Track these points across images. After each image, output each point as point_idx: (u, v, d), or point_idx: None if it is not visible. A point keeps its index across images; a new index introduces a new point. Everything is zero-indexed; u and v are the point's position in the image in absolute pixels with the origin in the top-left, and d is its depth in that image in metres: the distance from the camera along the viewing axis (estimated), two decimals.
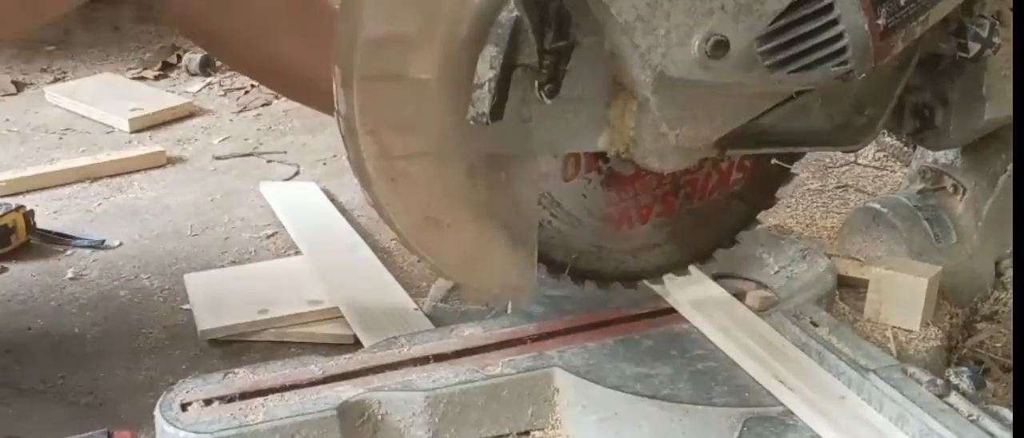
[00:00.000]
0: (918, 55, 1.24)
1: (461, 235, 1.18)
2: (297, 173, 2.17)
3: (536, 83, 1.09)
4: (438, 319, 1.46)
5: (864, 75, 1.08)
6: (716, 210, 1.33)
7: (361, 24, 1.06)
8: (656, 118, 1.11)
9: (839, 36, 1.04)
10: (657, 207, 1.31)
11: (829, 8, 1.03)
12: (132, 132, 2.39)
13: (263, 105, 2.60)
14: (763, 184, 1.33)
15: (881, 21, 1.05)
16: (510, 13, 1.06)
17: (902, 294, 1.39)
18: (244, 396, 1.17)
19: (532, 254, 1.22)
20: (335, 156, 2.20)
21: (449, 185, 1.15)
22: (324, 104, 1.15)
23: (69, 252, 1.80)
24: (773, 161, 1.32)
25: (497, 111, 1.08)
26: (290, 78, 1.62)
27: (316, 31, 1.34)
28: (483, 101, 1.07)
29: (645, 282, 1.36)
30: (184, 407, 1.16)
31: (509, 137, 1.14)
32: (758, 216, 1.35)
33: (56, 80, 2.74)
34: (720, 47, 1.03)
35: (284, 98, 2.64)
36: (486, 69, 1.07)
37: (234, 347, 1.51)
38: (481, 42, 1.08)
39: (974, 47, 1.27)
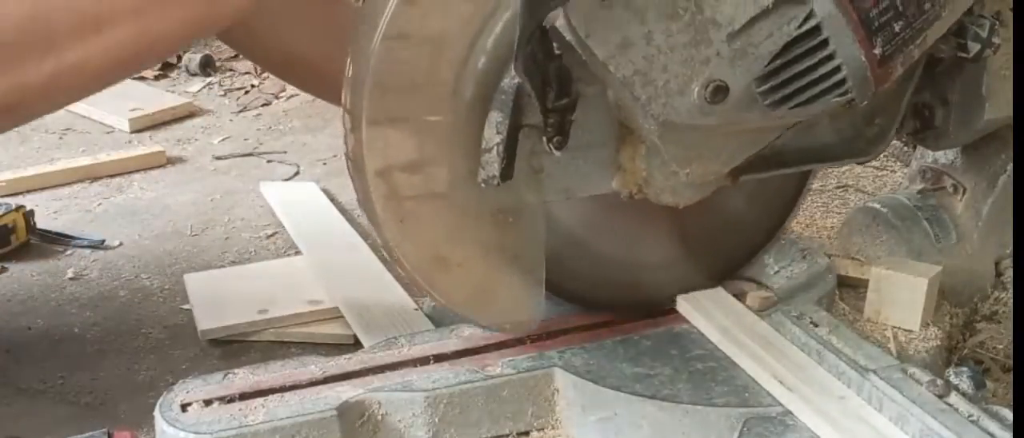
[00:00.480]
0: (923, 60, 1.24)
1: (470, 273, 1.20)
2: (297, 173, 2.18)
3: (544, 138, 1.10)
4: (438, 319, 1.46)
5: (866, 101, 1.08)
6: None
7: (369, 68, 1.07)
8: (665, 160, 1.12)
9: (837, 69, 1.04)
10: None
11: (824, 44, 1.03)
12: (132, 132, 2.39)
13: (263, 105, 2.60)
14: None
15: (878, 50, 1.05)
16: (512, 80, 1.07)
17: (902, 294, 1.38)
18: (244, 396, 1.17)
19: (540, 285, 1.23)
20: (335, 156, 2.20)
21: (458, 225, 1.16)
22: (335, 96, 1.16)
23: (69, 252, 1.81)
24: None
25: (507, 172, 1.10)
26: (302, 69, 1.62)
27: (329, 22, 1.33)
28: (492, 164, 1.09)
29: None
30: (184, 407, 1.16)
31: (521, 189, 1.15)
32: None
33: None
34: (719, 92, 1.04)
35: (284, 98, 2.65)
36: (492, 134, 1.08)
37: (234, 347, 1.51)
38: (486, 100, 1.09)
39: (974, 47, 1.27)
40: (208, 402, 1.16)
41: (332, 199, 1.98)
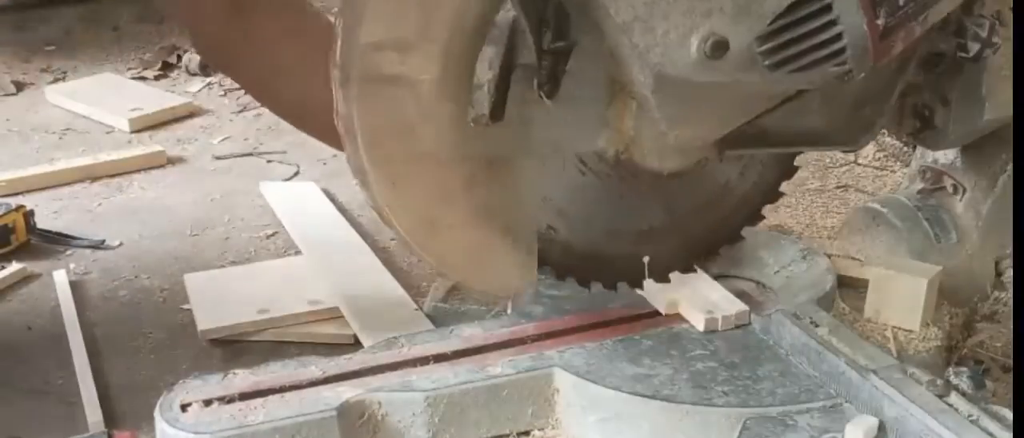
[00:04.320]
0: (918, 55, 1.24)
1: (461, 236, 1.18)
2: (297, 173, 2.17)
3: (535, 83, 1.09)
4: (438, 319, 1.46)
5: (863, 75, 1.08)
6: None
7: (361, 26, 1.06)
8: (655, 118, 1.11)
9: (838, 36, 1.04)
10: None
11: (828, 8, 1.03)
12: (132, 132, 2.39)
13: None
14: None
15: (880, 21, 1.05)
16: (507, 13, 1.06)
17: (902, 294, 1.38)
18: (244, 397, 1.17)
19: (532, 254, 1.22)
20: (335, 156, 2.19)
21: (449, 187, 1.15)
22: (321, 132, 1.14)
23: (69, 252, 1.80)
24: None
25: (497, 112, 1.08)
26: (298, 109, 1.62)
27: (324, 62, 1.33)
28: (483, 102, 1.08)
29: None
30: (184, 408, 1.16)
31: (509, 139, 1.14)
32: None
33: (56, 80, 2.74)
34: (719, 47, 1.03)
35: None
36: (485, 70, 1.07)
37: (234, 347, 1.51)
38: (479, 44, 1.08)
39: (974, 47, 1.27)
40: (208, 402, 1.16)
41: (332, 199, 1.98)
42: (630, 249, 1.33)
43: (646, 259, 1.32)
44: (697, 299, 1.34)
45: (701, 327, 1.31)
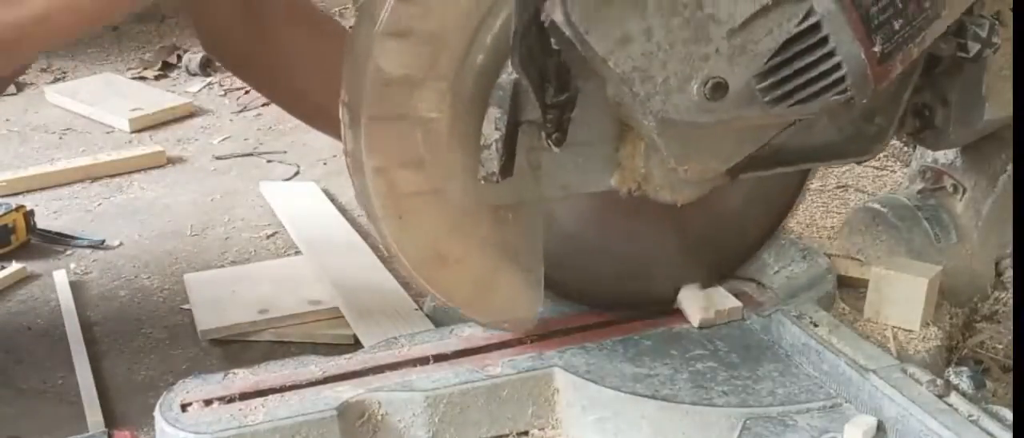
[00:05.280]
0: (923, 59, 1.24)
1: (468, 269, 1.20)
2: (297, 173, 2.17)
3: (543, 134, 1.10)
4: (438, 319, 1.46)
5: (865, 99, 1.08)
6: None
7: (368, 65, 1.06)
8: (664, 156, 1.12)
9: (836, 66, 1.04)
10: None
11: (823, 41, 1.03)
12: (132, 132, 2.39)
13: (263, 105, 2.60)
14: None
15: (877, 48, 1.05)
16: (509, 75, 1.07)
17: (902, 294, 1.38)
18: (244, 396, 1.17)
19: (539, 283, 1.23)
20: (335, 156, 2.20)
21: (456, 221, 1.16)
22: (337, 131, 1.16)
23: (69, 252, 1.80)
24: None
25: (507, 169, 1.10)
26: (309, 104, 1.63)
27: (333, 57, 1.35)
28: (492, 161, 1.09)
29: None
30: (184, 407, 1.16)
31: (520, 186, 1.15)
32: None
33: (56, 80, 2.74)
34: (719, 89, 1.03)
35: None
36: (491, 130, 1.09)
37: (234, 347, 1.51)
38: (485, 96, 1.09)
39: (974, 47, 1.27)
40: (208, 402, 1.16)
41: (332, 199, 1.98)
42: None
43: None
44: (692, 294, 1.35)
45: (696, 322, 1.32)
